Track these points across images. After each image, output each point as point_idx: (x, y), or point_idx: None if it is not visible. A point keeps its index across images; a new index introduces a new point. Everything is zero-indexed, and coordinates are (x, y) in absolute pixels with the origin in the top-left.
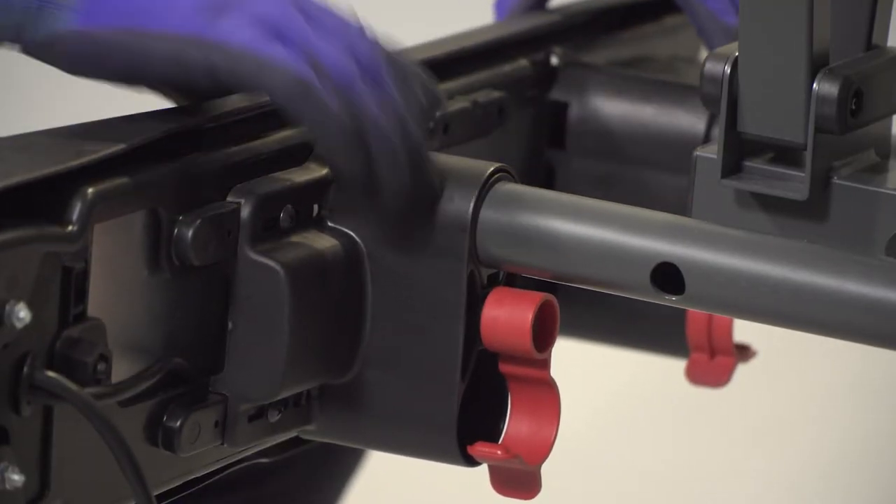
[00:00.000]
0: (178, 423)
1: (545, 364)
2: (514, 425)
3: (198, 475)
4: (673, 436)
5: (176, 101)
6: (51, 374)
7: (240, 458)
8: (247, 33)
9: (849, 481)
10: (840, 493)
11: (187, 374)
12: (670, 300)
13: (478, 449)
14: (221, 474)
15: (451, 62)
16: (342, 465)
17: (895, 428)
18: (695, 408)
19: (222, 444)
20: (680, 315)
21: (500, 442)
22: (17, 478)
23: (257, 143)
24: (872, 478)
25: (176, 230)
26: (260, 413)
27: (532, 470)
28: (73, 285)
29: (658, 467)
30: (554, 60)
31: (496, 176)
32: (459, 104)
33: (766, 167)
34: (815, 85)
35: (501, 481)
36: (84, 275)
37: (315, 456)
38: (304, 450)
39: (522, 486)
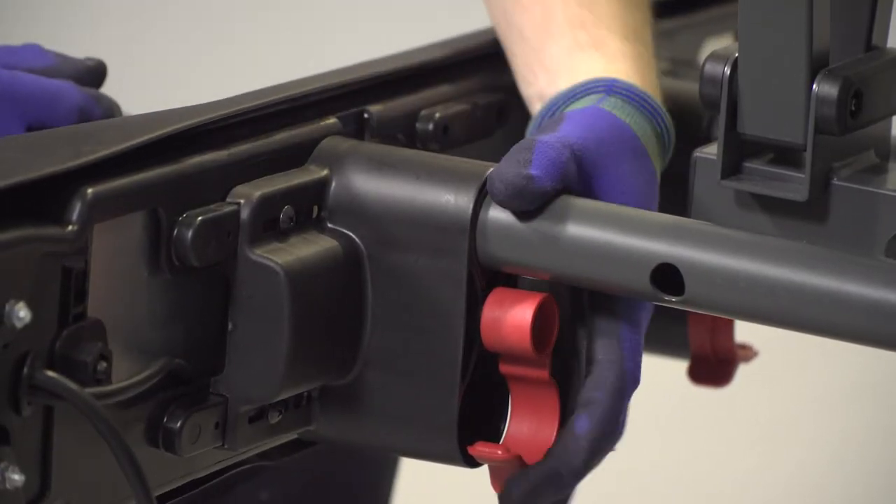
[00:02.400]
0: (179, 424)
1: (545, 364)
2: (514, 426)
3: (199, 476)
4: (673, 436)
5: None
6: (51, 373)
7: (241, 459)
8: None
9: (848, 481)
10: (840, 494)
11: (187, 375)
12: (670, 301)
13: (478, 449)
14: (223, 476)
15: (451, 65)
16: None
17: (894, 428)
18: (695, 408)
19: (223, 445)
20: (682, 315)
21: (500, 442)
22: (17, 478)
23: (257, 143)
24: (872, 478)
25: (176, 231)
26: (260, 414)
27: None
28: (73, 285)
29: (658, 467)
30: None
31: None
32: (459, 106)
33: (765, 168)
34: (814, 86)
35: (502, 481)
36: (84, 275)
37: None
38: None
39: None
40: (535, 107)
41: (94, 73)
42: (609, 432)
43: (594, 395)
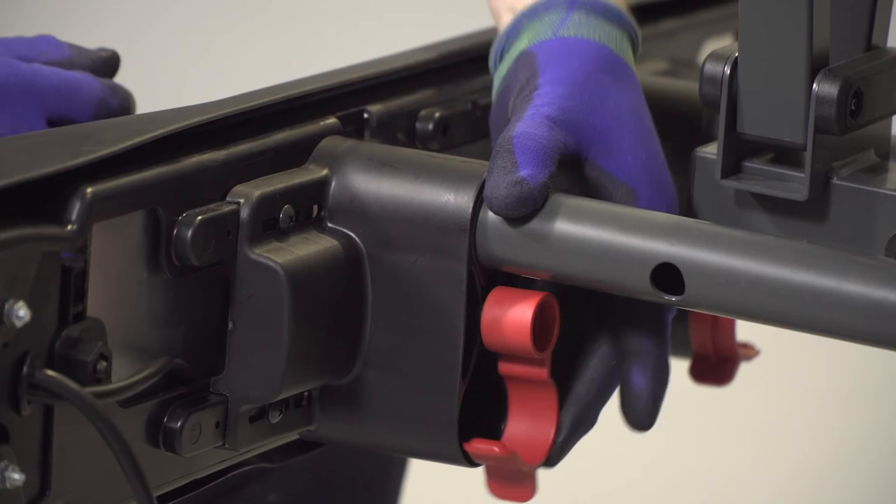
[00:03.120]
0: (179, 424)
1: (545, 363)
2: (512, 425)
3: (200, 476)
4: (674, 435)
5: None
6: (51, 373)
7: (242, 459)
8: None
9: (848, 481)
10: (840, 494)
11: (188, 375)
12: (670, 300)
13: (475, 446)
14: (224, 476)
15: (451, 64)
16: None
17: (894, 427)
18: (696, 407)
19: (224, 445)
20: (683, 314)
21: (500, 440)
22: (17, 477)
23: (257, 142)
24: (872, 478)
25: (175, 230)
26: (261, 414)
27: (529, 470)
28: (73, 285)
29: (658, 466)
30: None
31: None
32: (459, 106)
33: (765, 167)
34: (814, 85)
35: (498, 481)
36: (83, 274)
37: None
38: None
39: (519, 487)
40: (504, 18)
41: (108, 64)
42: (663, 380)
43: (643, 345)
